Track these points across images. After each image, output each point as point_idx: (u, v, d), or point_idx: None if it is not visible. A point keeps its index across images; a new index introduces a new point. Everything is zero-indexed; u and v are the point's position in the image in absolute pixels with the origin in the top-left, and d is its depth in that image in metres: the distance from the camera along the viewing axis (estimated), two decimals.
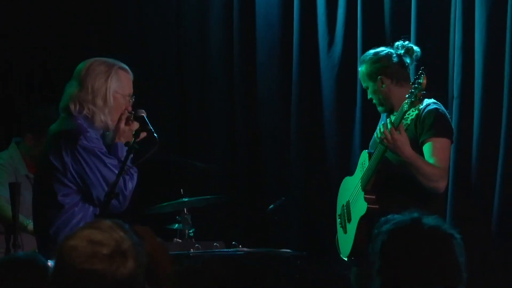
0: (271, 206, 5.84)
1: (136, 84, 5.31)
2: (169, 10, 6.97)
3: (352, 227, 4.96)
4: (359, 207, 4.91)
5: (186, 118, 6.94)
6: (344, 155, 6.18)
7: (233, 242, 5.18)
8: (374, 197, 4.87)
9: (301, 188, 6.39)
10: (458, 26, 5.68)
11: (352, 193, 5.06)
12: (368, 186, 4.89)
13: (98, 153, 4.18)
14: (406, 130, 4.79)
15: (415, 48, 5.08)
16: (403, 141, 4.69)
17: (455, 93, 5.67)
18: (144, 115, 4.33)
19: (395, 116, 4.77)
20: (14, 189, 4.67)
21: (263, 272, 2.33)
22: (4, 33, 6.88)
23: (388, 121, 4.75)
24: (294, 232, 6.37)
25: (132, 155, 4.15)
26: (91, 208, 4.20)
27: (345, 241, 5.03)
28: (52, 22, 6.94)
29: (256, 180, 6.68)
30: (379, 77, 4.98)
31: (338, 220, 5.17)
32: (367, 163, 4.96)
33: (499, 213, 5.50)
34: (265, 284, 2.29)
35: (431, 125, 4.82)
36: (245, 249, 5.07)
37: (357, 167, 5.09)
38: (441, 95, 5.38)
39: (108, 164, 4.18)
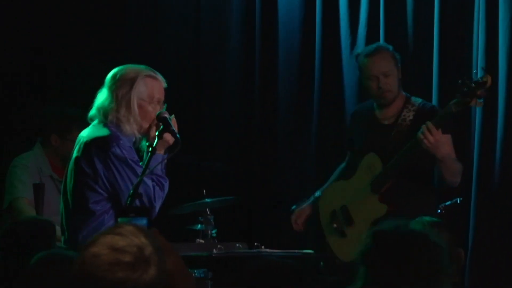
0: (294, 206, 5.83)
1: None
2: (188, 10, 6.97)
3: (358, 229, 4.99)
4: (373, 209, 4.95)
5: (206, 119, 6.93)
6: None
7: (256, 243, 5.18)
8: (389, 198, 4.94)
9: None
10: (482, 27, 5.65)
11: (352, 197, 5.09)
12: (383, 189, 4.94)
13: (130, 162, 4.17)
14: (407, 131, 4.94)
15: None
16: (444, 141, 4.80)
17: None
18: (168, 116, 4.32)
19: (435, 118, 4.83)
20: (38, 190, 4.69)
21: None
22: (4, 33, 6.90)
23: (427, 124, 4.79)
24: (316, 232, 6.35)
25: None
26: None
27: (347, 245, 5.09)
28: (55, 22, 6.96)
29: (278, 181, 6.67)
30: (399, 67, 5.07)
31: (333, 226, 5.16)
32: (379, 166, 4.98)
33: None
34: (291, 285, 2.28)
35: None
36: (267, 250, 5.07)
37: (359, 170, 5.12)
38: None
39: (139, 174, 4.17)
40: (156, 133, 4.26)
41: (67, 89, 6.55)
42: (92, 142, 4.20)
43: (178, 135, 4.25)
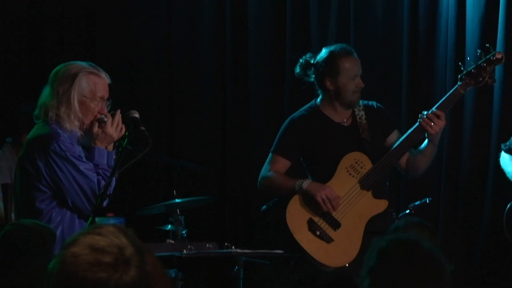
0: (264, 207, 5.83)
1: (126, 85, 5.27)
2: (160, 9, 6.96)
3: (348, 230, 4.89)
4: (370, 207, 4.87)
5: (177, 119, 6.92)
6: None
7: (226, 243, 5.18)
8: (380, 194, 4.91)
9: None
10: (451, 26, 5.70)
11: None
12: (375, 185, 4.88)
13: (71, 157, 4.15)
14: (369, 129, 4.93)
15: None
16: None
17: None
18: (137, 116, 4.29)
19: (440, 103, 4.78)
20: (7, 190, 4.67)
21: None
22: (4, 33, 6.87)
23: (436, 111, 4.74)
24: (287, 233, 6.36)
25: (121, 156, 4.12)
26: (69, 213, 4.19)
27: (336, 249, 4.91)
28: (49, 22, 6.95)
29: (249, 181, 6.67)
30: None
31: (315, 234, 4.94)
32: (367, 164, 4.87)
33: (489, 217, 5.52)
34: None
35: (390, 116, 5.01)
36: (238, 250, 5.07)
37: (339, 173, 4.93)
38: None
39: (82, 169, 4.15)
40: (126, 133, 4.24)
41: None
42: (32, 142, 4.20)
43: (148, 135, 4.23)
